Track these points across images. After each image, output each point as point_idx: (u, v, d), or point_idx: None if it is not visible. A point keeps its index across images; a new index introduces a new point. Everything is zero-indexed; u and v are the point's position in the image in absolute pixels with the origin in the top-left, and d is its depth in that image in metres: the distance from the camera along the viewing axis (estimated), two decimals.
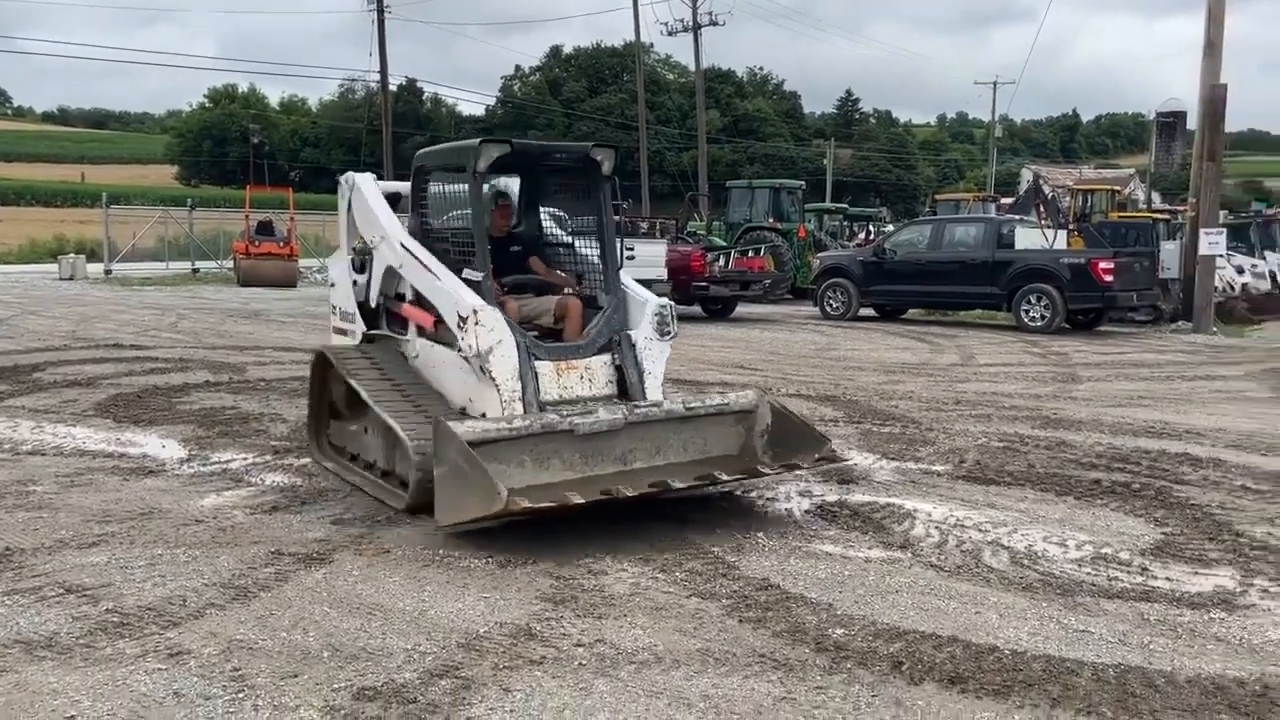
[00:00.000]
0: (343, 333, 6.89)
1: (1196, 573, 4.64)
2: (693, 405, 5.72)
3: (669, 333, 6.02)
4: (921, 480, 6.34)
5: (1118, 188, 33.38)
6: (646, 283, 7.00)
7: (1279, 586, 4.44)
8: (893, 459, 6.92)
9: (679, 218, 23.18)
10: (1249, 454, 7.16)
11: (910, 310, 18.82)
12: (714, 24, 39.64)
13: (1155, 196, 40.18)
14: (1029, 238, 17.14)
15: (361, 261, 6.66)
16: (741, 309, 19.55)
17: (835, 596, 4.28)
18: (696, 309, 18.70)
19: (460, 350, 5.47)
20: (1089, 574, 4.60)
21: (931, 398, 9.58)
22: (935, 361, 12.62)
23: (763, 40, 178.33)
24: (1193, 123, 17.28)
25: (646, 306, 5.98)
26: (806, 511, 5.63)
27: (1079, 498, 5.92)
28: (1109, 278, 15.65)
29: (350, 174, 6.77)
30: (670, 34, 40.99)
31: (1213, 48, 16.44)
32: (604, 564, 4.67)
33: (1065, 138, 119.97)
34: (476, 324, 5.31)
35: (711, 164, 54.28)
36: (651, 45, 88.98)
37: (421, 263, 5.84)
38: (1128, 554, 4.89)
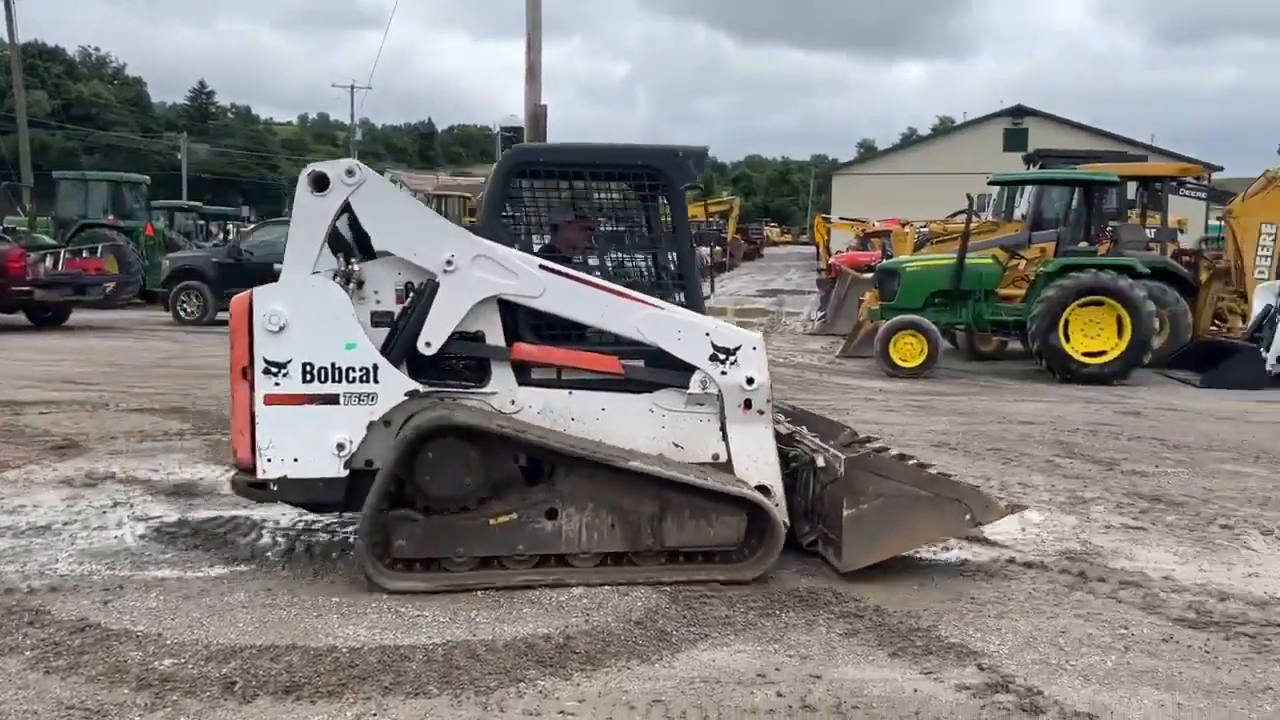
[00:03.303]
0: (320, 400, 4.55)
1: None
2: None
3: None
4: None
5: (469, 195, 36.13)
6: None
7: None
8: None
9: None
10: None
11: None
12: None
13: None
14: None
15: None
16: (79, 315, 17.34)
17: (166, 625, 3.98)
18: (20, 317, 16.25)
19: (703, 388, 4.73)
20: None
21: None
22: None
23: (96, 18, 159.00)
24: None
25: None
26: (141, 536, 5.19)
27: None
28: None
29: (351, 162, 4.74)
30: None
31: (533, 73, 18.40)
32: None
33: (424, 145, 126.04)
34: (762, 357, 4.81)
35: (41, 151, 47.60)
36: None
37: (611, 291, 4.76)
38: None
